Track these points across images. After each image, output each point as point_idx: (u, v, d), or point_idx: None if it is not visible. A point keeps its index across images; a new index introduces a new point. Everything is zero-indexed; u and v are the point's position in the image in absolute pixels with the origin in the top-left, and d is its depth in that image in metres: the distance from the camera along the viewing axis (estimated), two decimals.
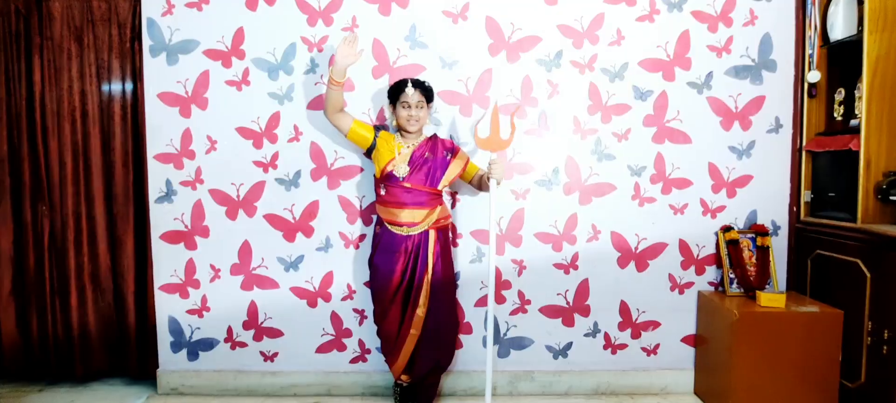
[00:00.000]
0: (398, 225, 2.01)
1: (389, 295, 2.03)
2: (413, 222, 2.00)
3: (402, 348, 2.05)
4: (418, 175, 2.01)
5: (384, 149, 2.04)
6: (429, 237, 2.02)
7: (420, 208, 2.01)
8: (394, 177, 2.01)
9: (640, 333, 2.33)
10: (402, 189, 2.00)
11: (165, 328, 2.32)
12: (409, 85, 2.00)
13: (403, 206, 2.00)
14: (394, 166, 2.01)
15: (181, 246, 2.29)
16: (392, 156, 2.02)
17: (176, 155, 2.26)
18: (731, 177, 2.29)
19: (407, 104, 2.00)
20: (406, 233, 2.01)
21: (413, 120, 2.01)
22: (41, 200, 2.35)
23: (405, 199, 2.00)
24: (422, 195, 2.01)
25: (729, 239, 2.23)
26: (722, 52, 2.25)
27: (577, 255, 2.29)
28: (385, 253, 2.03)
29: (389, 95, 2.06)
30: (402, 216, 2.00)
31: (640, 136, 2.26)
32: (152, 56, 2.24)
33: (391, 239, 2.02)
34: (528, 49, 2.24)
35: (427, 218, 2.02)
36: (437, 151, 2.06)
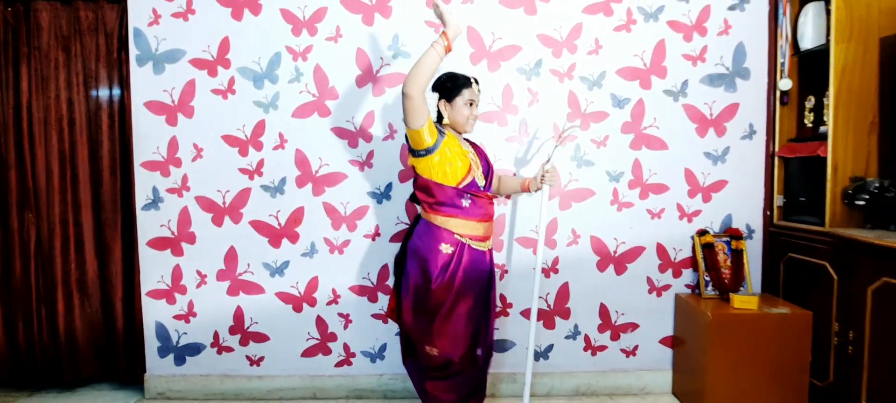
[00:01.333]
0: (482, 240, 1.83)
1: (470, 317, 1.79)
2: (489, 235, 1.87)
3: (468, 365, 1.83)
4: (491, 184, 1.89)
5: (456, 155, 1.77)
6: (491, 254, 1.91)
7: (492, 221, 1.88)
8: (476, 187, 1.81)
9: (620, 335, 2.39)
10: (488, 200, 1.84)
11: (152, 333, 2.35)
12: (473, 81, 1.83)
13: (487, 219, 1.84)
14: (476, 174, 1.83)
15: (168, 253, 2.32)
16: (468, 162, 1.81)
17: (162, 162, 2.29)
18: (707, 182, 2.35)
19: (473, 102, 1.83)
20: (486, 248, 1.85)
21: (472, 120, 1.85)
22: (28, 208, 2.37)
23: (490, 211, 1.85)
24: (492, 206, 1.89)
25: (704, 243, 2.29)
26: (697, 60, 2.32)
27: (557, 259, 2.35)
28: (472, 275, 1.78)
29: (444, 91, 1.82)
30: (484, 230, 1.83)
31: (618, 143, 2.32)
32: (139, 65, 2.27)
33: (476, 257, 1.80)
34: (509, 58, 2.29)
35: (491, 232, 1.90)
36: (482, 157, 1.94)
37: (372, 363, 2.37)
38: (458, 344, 1.79)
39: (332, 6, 2.25)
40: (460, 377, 1.83)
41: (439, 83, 1.85)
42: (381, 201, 2.31)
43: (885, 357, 1.71)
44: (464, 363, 1.81)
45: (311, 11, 2.25)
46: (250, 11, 2.25)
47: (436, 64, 1.66)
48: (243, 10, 2.25)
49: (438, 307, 1.76)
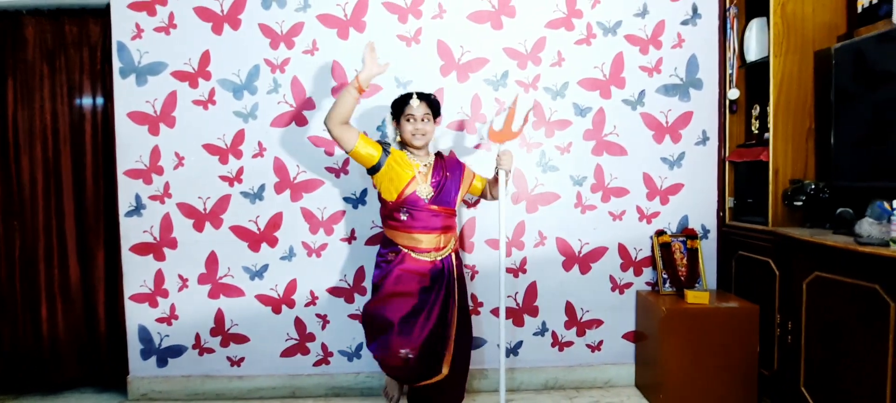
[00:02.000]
0: (422, 251, 1.89)
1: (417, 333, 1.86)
2: (438, 247, 1.91)
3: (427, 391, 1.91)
4: (440, 196, 1.92)
5: (399, 170, 1.90)
6: (451, 263, 1.94)
7: (445, 232, 1.93)
8: (418, 201, 1.89)
9: (585, 331, 2.52)
10: (430, 213, 1.88)
11: (135, 336, 2.43)
12: (413, 96, 1.91)
13: (430, 231, 1.88)
14: (417, 188, 1.90)
15: (150, 258, 2.40)
16: (411, 176, 1.90)
17: (145, 170, 2.38)
18: (664, 185, 2.50)
19: (412, 117, 1.90)
20: (431, 259, 1.91)
21: (419, 134, 1.90)
22: (13, 216, 2.44)
23: (434, 224, 1.89)
24: (448, 218, 1.94)
25: (662, 243, 2.43)
26: (653, 71, 2.47)
27: (525, 260, 2.47)
28: (406, 282, 1.88)
29: (393, 109, 2.01)
30: (426, 241, 1.89)
31: (581, 149, 2.46)
32: (122, 77, 2.36)
33: (412, 264, 1.90)
34: (477, 70, 2.42)
35: (449, 243, 1.95)
36: (448, 169, 2.00)
37: (349, 361, 2.47)
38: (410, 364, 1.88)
39: (309, 21, 2.37)
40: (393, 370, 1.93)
41: (392, 105, 2.02)
42: (357, 206, 2.42)
43: (818, 345, 1.86)
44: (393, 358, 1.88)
45: (288, 26, 2.37)
46: (230, 26, 2.36)
47: (349, 103, 1.83)
48: (223, 25, 2.36)
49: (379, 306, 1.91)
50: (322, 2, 2.36)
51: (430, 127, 1.95)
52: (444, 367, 1.91)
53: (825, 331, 1.83)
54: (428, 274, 1.89)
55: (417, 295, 1.89)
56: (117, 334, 2.48)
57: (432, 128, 1.98)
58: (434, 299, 1.90)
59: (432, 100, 1.98)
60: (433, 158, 2.02)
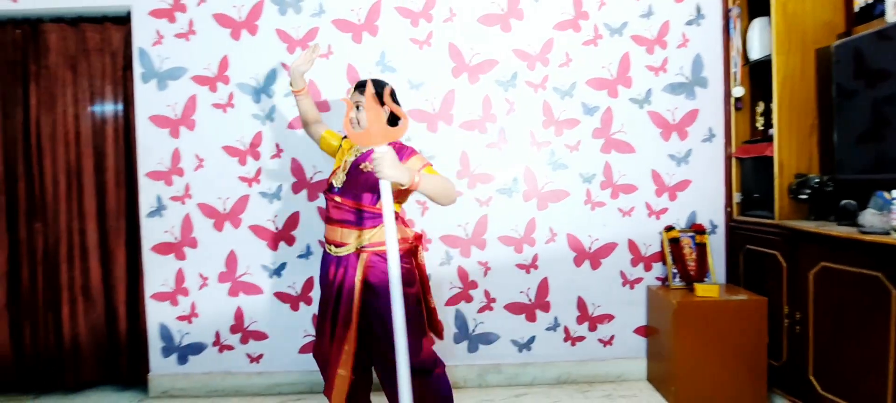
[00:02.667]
0: (328, 242, 1.76)
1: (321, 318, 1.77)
2: (338, 242, 1.71)
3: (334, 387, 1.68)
4: (352, 188, 1.70)
5: (338, 158, 1.83)
6: (353, 263, 1.67)
7: (348, 227, 1.70)
8: (332, 187, 1.76)
9: (597, 326, 2.57)
10: (332, 203, 1.73)
11: (156, 334, 2.48)
12: (368, 83, 1.67)
13: (332, 223, 1.74)
14: (335, 176, 1.77)
15: (171, 257, 2.46)
16: (338, 164, 1.79)
17: (166, 172, 2.44)
18: (672, 182, 2.56)
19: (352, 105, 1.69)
20: (334, 254, 1.73)
21: (352, 123, 1.68)
22: (36, 218, 2.50)
23: (333, 215, 1.72)
24: (349, 212, 1.70)
25: (671, 238, 2.49)
26: (659, 71, 2.54)
27: (536, 256, 2.53)
28: (321, 271, 1.81)
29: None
30: (331, 234, 1.74)
31: (590, 147, 2.52)
32: (143, 82, 2.43)
33: (324, 257, 1.78)
34: (487, 71, 2.49)
35: (358, 240, 1.69)
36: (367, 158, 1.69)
37: None
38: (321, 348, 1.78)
39: (324, 26, 2.44)
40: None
41: None
42: None
43: (825, 334, 1.91)
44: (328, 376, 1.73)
45: (304, 31, 2.44)
46: (248, 32, 2.43)
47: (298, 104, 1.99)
48: (241, 31, 2.43)
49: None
50: (336, 7, 2.44)
51: (363, 115, 1.66)
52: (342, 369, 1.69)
53: (831, 320, 1.88)
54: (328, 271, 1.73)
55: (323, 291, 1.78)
56: (137, 333, 2.53)
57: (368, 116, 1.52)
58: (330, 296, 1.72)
59: (377, 85, 1.69)
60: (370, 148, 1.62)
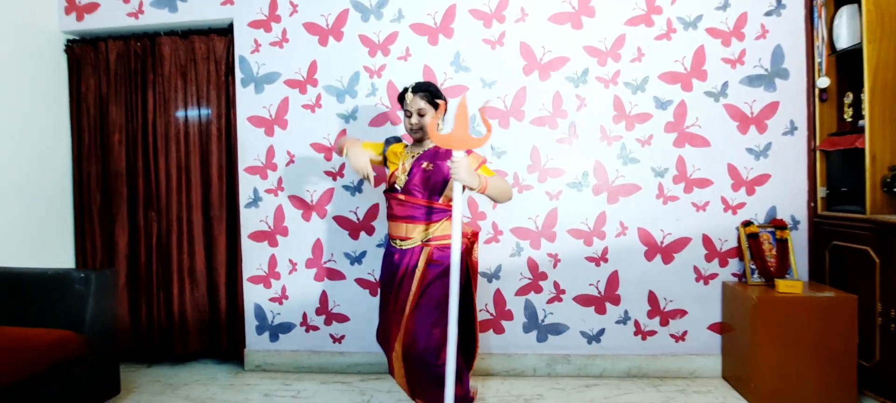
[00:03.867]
0: (393, 238, 1.91)
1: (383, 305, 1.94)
2: (402, 236, 1.86)
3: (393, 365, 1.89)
4: (416, 187, 1.85)
5: (392, 161, 1.96)
6: (416, 256, 1.83)
7: (413, 223, 1.84)
8: (393, 188, 1.90)
9: (668, 321, 2.55)
10: (397, 202, 1.86)
11: (252, 314, 2.74)
12: (408, 92, 1.86)
13: (396, 220, 1.87)
14: (397, 177, 1.90)
15: (265, 244, 2.71)
16: (396, 167, 1.93)
17: (261, 167, 2.70)
18: (750, 176, 2.50)
19: (408, 112, 1.87)
20: (399, 247, 1.88)
21: (414, 128, 1.86)
22: (151, 207, 2.84)
23: (397, 212, 1.86)
24: (416, 208, 1.84)
25: (749, 233, 2.44)
26: (736, 63, 2.50)
27: (606, 249, 2.56)
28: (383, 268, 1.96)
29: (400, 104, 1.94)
30: (395, 229, 1.89)
31: (662, 141, 2.52)
32: (243, 86, 2.71)
33: (389, 249, 1.93)
34: (558, 68, 2.56)
35: (419, 234, 1.85)
36: (441, 163, 1.84)
37: None
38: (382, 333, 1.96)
39: (403, 30, 2.61)
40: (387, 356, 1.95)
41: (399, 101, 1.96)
42: None
43: None
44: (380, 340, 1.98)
45: (384, 35, 2.62)
46: (334, 38, 2.64)
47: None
48: (328, 38, 2.64)
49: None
50: (414, 12, 2.60)
51: (427, 119, 1.85)
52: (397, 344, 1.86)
53: None
54: (392, 262, 1.90)
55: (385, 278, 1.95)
56: (235, 312, 2.80)
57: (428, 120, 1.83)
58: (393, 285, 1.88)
59: (431, 89, 1.85)
60: (427, 149, 1.89)
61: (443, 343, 1.77)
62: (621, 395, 2.36)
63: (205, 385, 2.57)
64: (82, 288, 2.15)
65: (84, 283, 2.15)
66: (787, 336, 2.18)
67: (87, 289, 2.14)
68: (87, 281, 2.15)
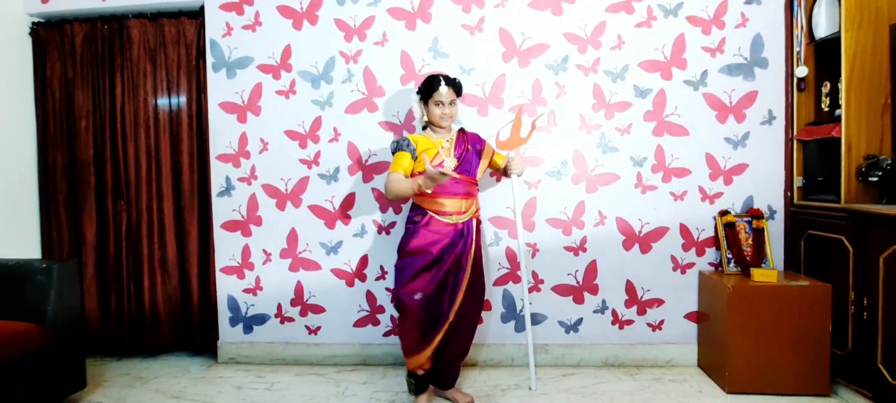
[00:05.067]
0: (446, 214, 2.05)
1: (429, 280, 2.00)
2: (460, 211, 2.06)
3: (437, 336, 2.00)
4: (462, 167, 2.10)
5: (425, 147, 2.07)
6: (472, 226, 2.09)
7: (467, 198, 2.09)
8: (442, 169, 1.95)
9: (646, 310, 2.55)
10: (453, 180, 2.04)
11: (225, 305, 2.68)
12: (442, 83, 2.04)
13: (453, 196, 2.05)
14: (443, 159, 2.07)
15: (238, 234, 2.64)
16: (436, 150, 2.08)
17: (234, 155, 2.63)
18: (728, 165, 2.50)
19: (440, 102, 2.06)
20: (453, 222, 2.05)
21: (447, 117, 2.08)
22: (121, 197, 2.76)
23: (457, 190, 2.06)
24: (468, 185, 2.09)
25: (726, 222, 2.43)
26: (715, 51, 2.48)
27: (585, 239, 2.54)
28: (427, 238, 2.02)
29: (421, 93, 2.10)
30: (449, 205, 2.05)
31: (641, 130, 2.50)
32: (214, 71, 2.62)
33: (436, 226, 2.04)
34: (538, 55, 2.52)
35: (470, 208, 2.10)
36: (469, 144, 2.16)
37: None
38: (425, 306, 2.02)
39: (379, 15, 2.54)
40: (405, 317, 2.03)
41: (420, 88, 2.12)
42: None
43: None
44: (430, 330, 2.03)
45: (361, 20, 2.55)
46: (309, 22, 2.57)
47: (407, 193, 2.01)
48: (303, 21, 2.57)
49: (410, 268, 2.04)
50: None
51: (455, 109, 2.12)
52: (451, 314, 2.03)
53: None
54: (448, 235, 2.05)
55: (436, 251, 2.03)
56: (208, 303, 2.74)
57: (456, 110, 2.13)
58: (448, 255, 2.03)
59: (457, 83, 2.12)
60: (455, 134, 2.17)
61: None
62: (598, 384, 2.35)
63: (176, 378, 2.51)
64: (44, 279, 2.07)
65: (46, 274, 2.07)
66: (762, 325, 2.19)
67: (49, 280, 2.07)
68: (48, 272, 2.07)
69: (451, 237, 2.05)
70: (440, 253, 2.02)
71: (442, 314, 2.03)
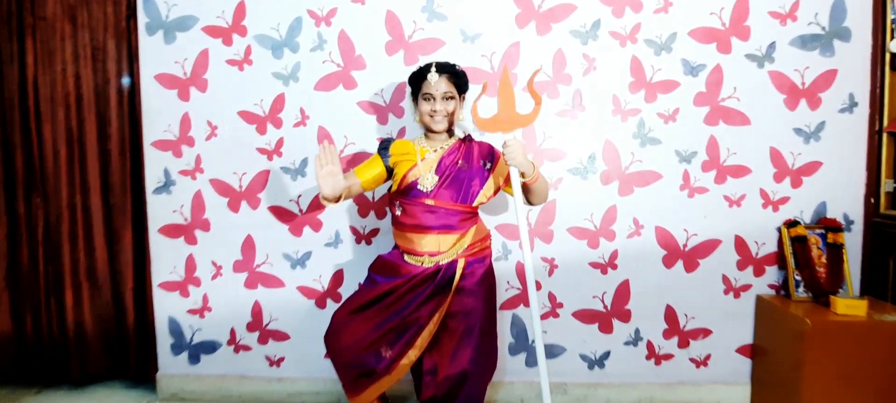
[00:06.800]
0: (416, 254, 1.56)
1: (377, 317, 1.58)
2: (437, 251, 1.55)
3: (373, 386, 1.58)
4: (448, 188, 1.56)
5: (401, 156, 1.62)
6: (455, 268, 1.55)
7: (448, 232, 1.55)
8: (415, 190, 1.56)
9: (689, 342, 2.06)
10: (425, 208, 1.54)
11: (165, 328, 2.16)
12: (432, 69, 1.56)
13: (426, 231, 1.54)
14: (418, 175, 1.56)
15: (181, 241, 2.11)
16: (413, 162, 1.59)
17: (174, 142, 2.08)
18: (797, 163, 1.99)
19: (429, 96, 1.57)
20: (427, 265, 1.56)
21: (438, 116, 1.57)
22: (35, 191, 2.21)
23: (429, 222, 1.54)
24: (452, 216, 1.55)
25: (794, 236, 1.94)
26: (786, 18, 1.96)
27: (616, 253, 2.03)
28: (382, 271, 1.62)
29: (411, 85, 1.65)
30: (423, 243, 1.55)
31: (690, 117, 1.99)
32: (148, 34, 2.06)
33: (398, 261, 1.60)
34: (561, 18, 1.98)
35: (457, 245, 1.57)
36: (472, 158, 1.61)
37: None
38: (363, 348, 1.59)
39: None
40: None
41: (409, 79, 1.66)
42: None
43: None
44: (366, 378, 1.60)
45: None
46: None
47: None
48: None
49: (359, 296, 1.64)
50: None
51: (453, 106, 1.60)
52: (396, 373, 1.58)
53: None
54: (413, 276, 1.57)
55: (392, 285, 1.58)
56: (145, 325, 2.22)
57: (457, 108, 1.61)
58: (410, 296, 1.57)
59: (456, 71, 1.61)
60: (453, 143, 1.64)
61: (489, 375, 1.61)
62: None
63: None
64: None
65: None
66: (846, 370, 1.71)
67: None
68: None
69: (412, 278, 1.57)
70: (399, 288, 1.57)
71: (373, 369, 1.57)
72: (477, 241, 1.62)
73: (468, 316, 1.56)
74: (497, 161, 1.64)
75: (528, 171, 1.51)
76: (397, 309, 1.58)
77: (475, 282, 1.58)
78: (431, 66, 1.57)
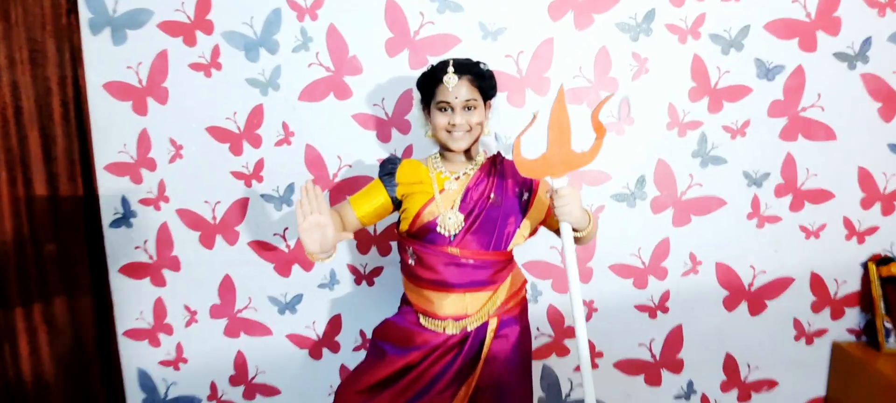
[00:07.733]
0: (437, 318, 1.23)
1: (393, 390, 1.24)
2: (463, 314, 1.22)
3: None
4: (477, 233, 1.20)
5: (412, 186, 1.25)
6: (485, 332, 1.23)
7: (478, 290, 1.21)
8: (433, 234, 1.21)
9: (750, 395, 1.76)
10: (447, 258, 1.19)
11: (135, 383, 1.85)
12: (449, 70, 1.19)
13: (448, 289, 1.21)
14: (436, 214, 1.21)
15: (147, 282, 1.78)
16: (429, 194, 1.23)
17: (132, 165, 1.72)
18: (890, 187, 1.65)
19: (446, 105, 1.20)
20: (450, 331, 1.23)
21: (458, 131, 1.20)
22: None
23: (452, 278, 1.20)
24: (482, 269, 1.21)
25: (886, 276, 1.60)
26: (885, 8, 1.57)
27: (667, 294, 1.71)
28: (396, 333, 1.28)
29: (421, 91, 1.28)
30: (445, 306, 1.21)
31: (763, 130, 1.63)
32: (93, 33, 1.68)
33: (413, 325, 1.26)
34: (606, 8, 1.59)
35: (488, 304, 1.23)
36: (506, 187, 1.24)
37: None
38: None
39: None
40: None
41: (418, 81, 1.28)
42: None
43: None
44: None
45: None
46: None
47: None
48: None
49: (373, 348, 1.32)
50: None
51: (477, 117, 1.21)
52: None
53: None
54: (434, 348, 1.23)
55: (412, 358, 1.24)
56: (111, 378, 1.91)
57: (482, 119, 1.23)
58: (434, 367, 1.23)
59: (482, 72, 1.23)
60: (481, 166, 1.26)
61: None
62: None
63: None
64: None
65: None
66: None
67: None
68: None
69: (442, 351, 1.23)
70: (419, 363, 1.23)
71: None
72: (512, 296, 1.27)
73: (501, 395, 1.24)
74: (536, 191, 1.26)
75: (583, 225, 1.15)
76: (417, 390, 1.24)
77: (510, 349, 1.25)
78: (447, 66, 1.20)
